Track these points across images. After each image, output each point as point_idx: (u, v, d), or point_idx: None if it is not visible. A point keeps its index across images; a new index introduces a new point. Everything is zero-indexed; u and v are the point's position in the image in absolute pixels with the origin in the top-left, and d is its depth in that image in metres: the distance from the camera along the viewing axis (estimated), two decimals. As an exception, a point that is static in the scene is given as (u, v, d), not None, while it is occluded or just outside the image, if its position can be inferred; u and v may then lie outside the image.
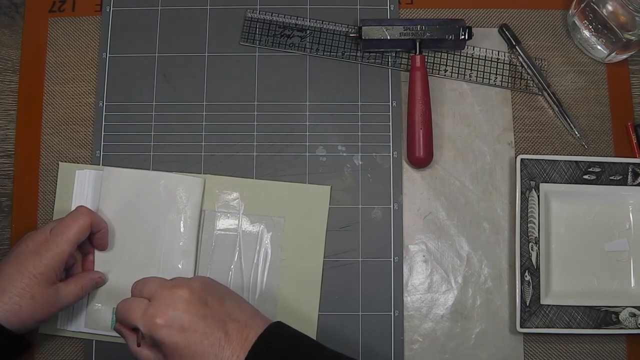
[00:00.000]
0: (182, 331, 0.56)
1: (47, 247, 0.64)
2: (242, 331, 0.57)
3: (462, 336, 0.72)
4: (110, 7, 0.79)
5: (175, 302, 0.57)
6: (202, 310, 0.57)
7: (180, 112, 0.76)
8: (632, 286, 0.72)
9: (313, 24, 0.78)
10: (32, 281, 0.63)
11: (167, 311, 0.56)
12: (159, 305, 0.57)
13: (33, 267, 0.63)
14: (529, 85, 0.77)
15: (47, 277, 0.64)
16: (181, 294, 0.57)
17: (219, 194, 0.74)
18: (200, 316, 0.56)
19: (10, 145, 0.76)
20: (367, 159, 0.75)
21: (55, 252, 0.64)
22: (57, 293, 0.65)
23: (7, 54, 0.78)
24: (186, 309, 0.56)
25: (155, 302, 0.58)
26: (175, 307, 0.57)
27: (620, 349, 0.72)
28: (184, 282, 0.59)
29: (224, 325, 0.57)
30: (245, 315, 0.59)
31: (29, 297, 0.62)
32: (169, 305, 0.57)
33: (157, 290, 0.58)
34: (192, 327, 0.56)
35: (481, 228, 0.74)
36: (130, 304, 0.59)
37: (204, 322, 0.56)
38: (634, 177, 0.73)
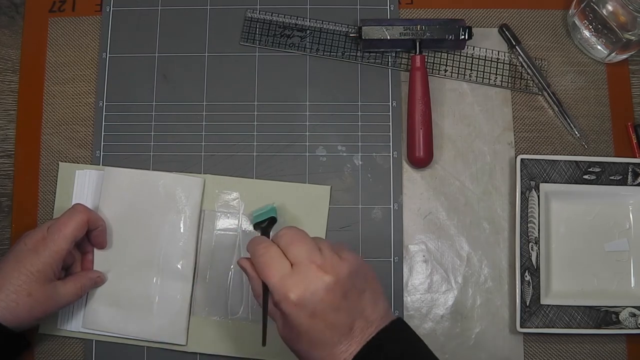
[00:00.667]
0: (311, 316, 0.54)
1: (44, 244, 0.64)
2: (366, 330, 0.55)
3: (462, 336, 0.72)
4: (110, 7, 0.79)
5: (317, 286, 0.54)
6: (339, 302, 0.54)
7: (180, 112, 0.76)
8: (632, 286, 0.72)
9: (313, 24, 0.78)
10: (30, 278, 0.63)
11: (305, 293, 0.53)
12: (299, 282, 0.54)
13: (30, 265, 0.63)
14: (529, 85, 0.77)
15: (45, 274, 0.64)
16: (325, 280, 0.54)
17: (219, 194, 0.74)
18: (334, 308, 0.54)
19: (10, 145, 0.76)
20: (367, 159, 0.75)
21: (52, 250, 0.64)
22: (55, 291, 0.65)
23: (7, 54, 0.78)
24: (323, 298, 0.53)
25: (297, 276, 0.54)
26: (314, 292, 0.53)
27: (620, 349, 0.72)
28: (333, 264, 0.55)
29: (353, 322, 0.55)
30: (376, 314, 0.56)
31: (26, 295, 0.62)
32: (309, 287, 0.53)
33: (304, 262, 0.55)
34: (322, 316, 0.54)
35: (481, 228, 0.74)
36: (272, 261, 0.55)
37: (336, 314, 0.54)
38: (634, 177, 0.73)
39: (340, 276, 0.54)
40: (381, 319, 0.56)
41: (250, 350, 0.70)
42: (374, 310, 0.56)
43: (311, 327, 0.54)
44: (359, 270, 0.56)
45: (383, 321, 0.56)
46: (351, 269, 0.55)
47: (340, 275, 0.54)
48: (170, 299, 0.71)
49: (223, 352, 0.71)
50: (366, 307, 0.56)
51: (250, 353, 0.71)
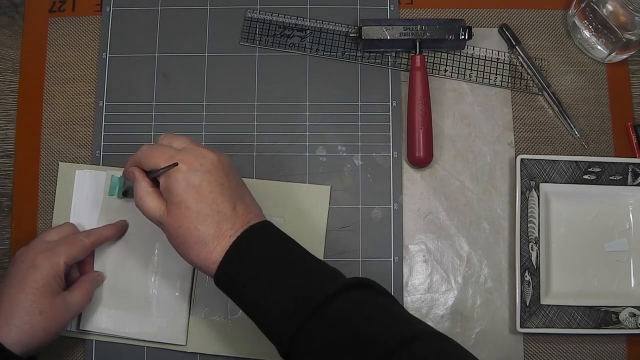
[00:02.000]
0: (198, 188, 0.57)
1: (45, 257, 0.64)
2: (247, 214, 0.59)
3: (462, 336, 0.72)
4: (110, 7, 0.79)
5: (204, 159, 0.59)
6: (222, 179, 0.59)
7: (180, 112, 0.76)
8: (632, 286, 0.72)
9: (313, 24, 0.78)
10: (37, 296, 0.62)
11: (194, 163, 0.58)
12: (188, 156, 0.59)
13: (34, 282, 0.62)
14: (529, 85, 0.77)
15: (51, 288, 0.63)
16: (211, 157, 0.59)
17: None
18: (219, 183, 0.58)
19: (10, 145, 0.76)
20: (367, 159, 0.75)
21: (55, 262, 0.64)
22: (65, 302, 0.64)
23: (7, 54, 0.78)
24: (210, 170, 0.58)
25: (186, 152, 0.59)
26: (202, 164, 0.58)
27: (620, 349, 0.72)
28: (215, 151, 0.60)
29: (234, 202, 0.58)
30: (254, 205, 0.61)
31: (38, 313, 0.61)
32: (197, 160, 0.58)
33: (189, 145, 0.60)
34: (208, 189, 0.58)
35: (481, 228, 0.74)
36: (158, 148, 0.60)
37: (220, 189, 0.58)
38: (634, 177, 0.73)
39: (222, 158, 0.60)
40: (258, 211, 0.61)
41: (250, 350, 0.70)
42: (252, 200, 0.61)
43: (198, 199, 0.57)
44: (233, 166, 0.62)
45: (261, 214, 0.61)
46: (229, 160, 0.61)
47: (222, 157, 0.60)
48: (169, 299, 0.71)
49: (223, 352, 0.71)
50: (245, 195, 0.61)
51: (250, 353, 0.70)
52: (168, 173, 0.58)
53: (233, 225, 0.57)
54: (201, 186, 0.58)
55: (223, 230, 0.57)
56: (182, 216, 0.57)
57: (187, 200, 0.57)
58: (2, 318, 0.61)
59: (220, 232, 0.57)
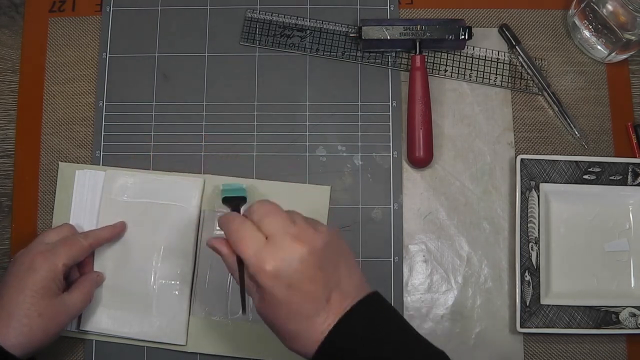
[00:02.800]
0: (288, 288, 0.53)
1: (44, 259, 0.63)
2: (343, 302, 0.55)
3: (462, 336, 0.72)
4: (110, 7, 0.79)
5: (293, 256, 0.54)
6: (314, 274, 0.54)
7: (180, 112, 0.76)
8: (632, 286, 0.72)
9: (313, 24, 0.78)
10: (36, 298, 0.62)
11: (281, 263, 0.53)
12: (274, 253, 0.54)
13: (33, 284, 0.62)
14: (529, 85, 0.77)
15: (50, 290, 0.63)
16: (300, 251, 0.54)
17: (219, 194, 0.74)
18: (310, 279, 0.54)
19: (10, 145, 0.76)
20: (367, 159, 0.75)
21: (54, 263, 0.63)
22: (63, 304, 0.64)
23: (7, 54, 0.78)
24: (299, 269, 0.53)
25: (271, 248, 0.54)
26: (290, 263, 0.53)
27: (620, 349, 0.72)
28: (307, 235, 0.55)
29: (329, 293, 0.54)
30: (352, 285, 0.56)
31: (37, 315, 0.61)
32: (285, 258, 0.53)
33: (279, 233, 0.55)
34: (298, 287, 0.54)
35: (481, 228, 0.74)
36: (245, 234, 0.55)
37: (313, 285, 0.54)
38: (634, 177, 0.73)
39: (315, 247, 0.54)
40: (357, 291, 0.56)
41: (250, 350, 0.70)
42: (349, 283, 0.56)
43: (288, 299, 0.54)
44: (333, 243, 0.56)
45: (359, 293, 0.56)
46: (325, 241, 0.55)
47: (315, 246, 0.54)
48: (169, 299, 0.71)
49: (223, 352, 0.71)
50: (342, 279, 0.56)
51: (250, 353, 0.70)
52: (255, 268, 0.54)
53: (327, 316, 0.54)
54: (290, 287, 0.54)
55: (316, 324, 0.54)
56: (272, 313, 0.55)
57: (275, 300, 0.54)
58: (1, 320, 0.61)
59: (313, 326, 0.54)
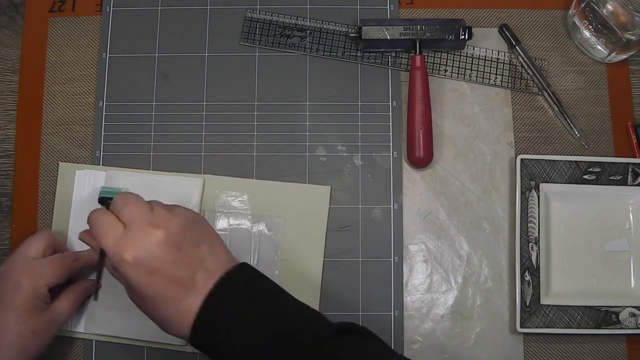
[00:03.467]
0: (149, 274, 0.54)
1: (29, 277, 0.63)
2: (208, 279, 0.55)
3: (462, 336, 0.72)
4: (110, 7, 0.79)
5: (150, 242, 0.54)
6: (173, 255, 0.55)
7: (180, 112, 0.76)
8: (632, 286, 0.72)
9: (313, 24, 0.78)
10: (25, 318, 0.61)
11: (138, 251, 0.54)
12: (132, 241, 0.54)
13: (20, 304, 0.62)
14: (529, 85, 0.77)
15: (38, 306, 0.63)
16: (157, 235, 0.55)
17: (219, 194, 0.74)
18: (170, 262, 0.54)
19: (10, 145, 0.76)
20: (367, 159, 0.75)
21: (40, 284, 0.63)
22: (53, 314, 0.64)
23: (7, 54, 0.78)
24: (157, 253, 0.54)
25: (128, 236, 0.55)
26: (147, 249, 0.54)
27: (620, 349, 0.72)
28: (163, 220, 0.56)
29: (193, 273, 0.55)
30: (217, 263, 0.57)
31: (30, 333, 0.61)
32: (141, 245, 0.54)
33: (135, 221, 0.55)
34: (160, 271, 0.54)
35: (481, 228, 0.74)
36: (105, 226, 0.56)
37: (173, 267, 0.54)
38: (634, 177, 0.73)
39: (172, 229, 0.55)
40: (223, 268, 0.56)
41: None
42: (214, 261, 0.56)
43: (152, 285, 0.54)
44: (191, 223, 0.57)
45: (225, 269, 0.56)
46: (182, 222, 0.56)
47: (171, 228, 0.55)
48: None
49: (223, 352, 0.71)
50: (205, 259, 0.56)
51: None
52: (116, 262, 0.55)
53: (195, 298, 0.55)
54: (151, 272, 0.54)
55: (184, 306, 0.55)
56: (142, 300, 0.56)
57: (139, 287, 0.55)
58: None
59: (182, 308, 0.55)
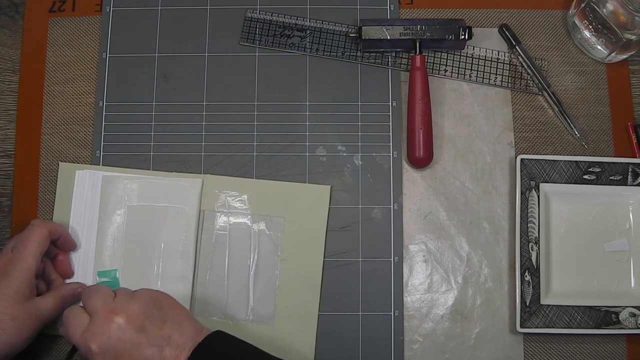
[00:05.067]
0: (116, 358, 0.57)
1: (12, 265, 0.64)
2: (179, 355, 0.57)
3: (462, 336, 0.72)
4: (110, 7, 0.79)
5: (111, 330, 0.57)
6: (137, 338, 0.57)
7: (180, 112, 0.76)
8: (632, 286, 0.72)
9: (313, 24, 0.78)
10: (8, 302, 0.62)
11: (102, 339, 0.57)
12: (95, 332, 0.57)
13: (5, 288, 0.62)
14: (529, 85, 0.77)
15: (22, 294, 0.63)
16: (117, 322, 0.57)
17: (219, 194, 0.74)
18: (135, 344, 0.57)
19: (10, 145, 0.76)
20: (367, 159, 0.75)
21: (22, 268, 0.64)
22: (36, 308, 0.64)
23: (7, 54, 0.78)
24: (120, 338, 0.57)
25: (92, 327, 0.58)
26: (110, 336, 0.57)
27: (620, 349, 0.72)
28: (122, 305, 0.58)
29: (160, 351, 0.57)
30: (185, 337, 0.58)
31: (10, 319, 0.62)
32: (104, 333, 0.57)
33: (98, 311, 0.58)
34: (126, 355, 0.56)
35: (481, 228, 0.74)
36: (73, 320, 0.59)
37: (138, 349, 0.57)
38: (634, 177, 0.73)
39: (132, 312, 0.58)
40: (192, 340, 0.58)
41: (250, 350, 0.70)
42: (181, 334, 0.58)
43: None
44: (153, 302, 0.59)
45: (195, 342, 0.58)
46: (142, 303, 0.59)
47: (131, 311, 0.58)
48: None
49: (223, 352, 0.71)
50: (172, 333, 0.58)
51: (250, 353, 0.71)
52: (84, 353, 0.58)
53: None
54: (118, 357, 0.56)
55: None
56: None
57: None
58: None
59: None
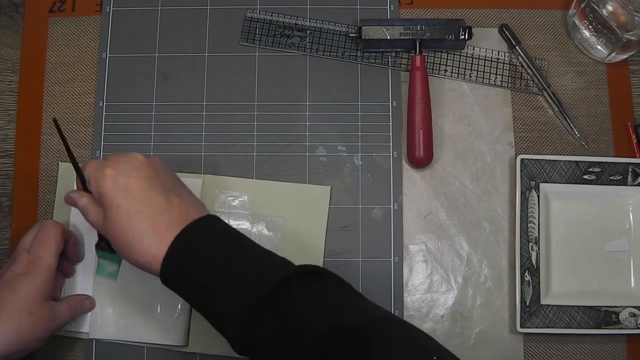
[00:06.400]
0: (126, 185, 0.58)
1: (34, 265, 0.64)
2: (184, 207, 0.58)
3: (462, 336, 0.72)
4: (110, 7, 0.79)
5: (130, 159, 0.60)
6: (151, 174, 0.59)
7: (180, 112, 0.76)
8: (632, 286, 0.72)
9: (313, 24, 0.78)
10: (28, 298, 0.62)
11: (119, 164, 0.59)
12: (114, 159, 0.60)
13: (26, 285, 0.63)
14: (529, 85, 0.77)
15: (42, 292, 0.64)
16: (138, 157, 0.60)
17: (219, 194, 0.74)
18: (147, 178, 0.58)
19: (10, 145, 0.76)
20: (367, 159, 0.75)
21: (43, 267, 0.64)
22: (53, 310, 0.65)
23: (7, 54, 0.78)
24: (137, 167, 0.59)
25: (112, 156, 0.61)
26: (128, 162, 0.59)
27: (620, 349, 0.72)
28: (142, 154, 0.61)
29: (167, 194, 0.58)
30: (192, 199, 0.60)
31: (28, 314, 0.62)
32: (122, 160, 0.59)
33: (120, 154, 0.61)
34: (136, 184, 0.58)
35: (481, 228, 0.74)
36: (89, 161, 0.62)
37: (149, 183, 0.58)
38: (634, 177, 0.73)
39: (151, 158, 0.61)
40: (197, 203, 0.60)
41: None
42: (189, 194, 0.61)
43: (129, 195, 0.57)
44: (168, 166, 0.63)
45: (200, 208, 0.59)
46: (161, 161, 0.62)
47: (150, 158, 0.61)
48: (172, 301, 0.70)
49: (223, 352, 0.71)
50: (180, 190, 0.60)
51: (250, 353, 0.71)
52: (96, 178, 0.59)
53: (171, 219, 0.57)
54: (129, 183, 0.58)
55: (159, 223, 0.56)
56: (115, 216, 0.57)
57: (116, 199, 0.57)
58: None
59: (157, 225, 0.56)
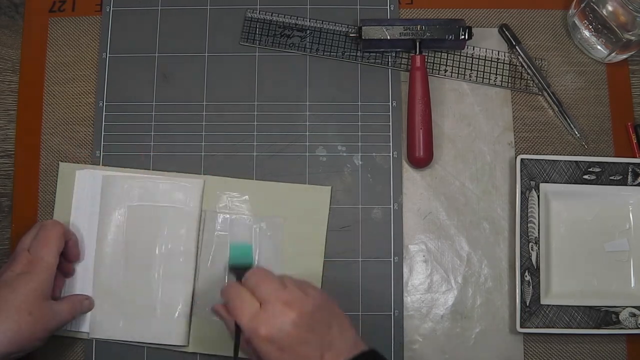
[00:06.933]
0: (280, 350, 0.56)
1: (33, 264, 0.64)
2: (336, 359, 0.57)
3: (462, 336, 0.72)
4: (110, 7, 0.79)
5: (283, 322, 0.57)
6: (306, 336, 0.57)
7: (180, 112, 0.76)
8: (632, 286, 0.72)
9: (313, 24, 0.78)
10: (28, 297, 0.63)
11: (273, 328, 0.57)
12: (267, 318, 0.57)
13: (25, 285, 0.63)
14: (529, 85, 0.77)
15: (42, 292, 0.64)
16: (291, 315, 0.57)
17: (220, 195, 0.74)
18: (302, 341, 0.57)
19: (10, 145, 0.76)
20: (367, 159, 0.75)
21: (43, 266, 0.65)
22: (53, 309, 0.65)
23: (7, 54, 0.78)
24: (290, 332, 0.57)
25: (264, 313, 0.58)
26: (281, 328, 0.57)
27: (620, 349, 0.72)
28: (298, 300, 0.58)
29: (322, 354, 0.57)
30: (345, 344, 0.59)
31: (27, 314, 0.62)
32: (276, 323, 0.57)
33: (271, 298, 0.58)
34: (291, 350, 0.57)
35: (481, 228, 0.74)
36: (242, 303, 0.59)
37: (305, 347, 0.57)
38: (634, 177, 0.73)
39: (305, 311, 0.58)
40: (351, 349, 0.58)
41: (250, 350, 0.70)
42: (343, 341, 0.59)
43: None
44: (323, 305, 0.60)
45: (352, 352, 0.58)
46: (316, 304, 0.59)
47: (305, 310, 0.58)
48: (172, 301, 0.71)
49: (224, 352, 0.71)
50: (334, 340, 0.58)
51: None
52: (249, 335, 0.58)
53: None
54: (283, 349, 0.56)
55: None
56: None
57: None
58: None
59: None
